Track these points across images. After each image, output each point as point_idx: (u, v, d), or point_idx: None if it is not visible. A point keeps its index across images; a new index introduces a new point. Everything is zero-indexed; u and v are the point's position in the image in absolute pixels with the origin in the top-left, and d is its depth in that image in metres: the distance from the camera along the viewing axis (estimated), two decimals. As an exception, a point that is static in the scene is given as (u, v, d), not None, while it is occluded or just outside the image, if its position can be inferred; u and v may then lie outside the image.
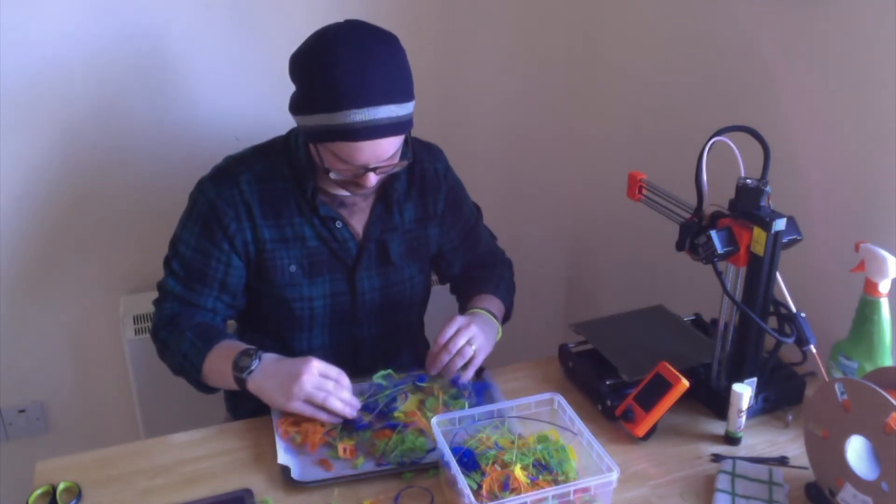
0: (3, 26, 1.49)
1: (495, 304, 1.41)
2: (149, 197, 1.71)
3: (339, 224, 1.31)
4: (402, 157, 1.25)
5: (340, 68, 1.13)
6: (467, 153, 1.94)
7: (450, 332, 1.24)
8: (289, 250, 1.30)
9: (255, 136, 1.41)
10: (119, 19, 1.56)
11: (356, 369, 1.33)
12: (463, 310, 1.41)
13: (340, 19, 1.21)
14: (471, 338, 1.24)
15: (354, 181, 1.22)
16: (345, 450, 1.15)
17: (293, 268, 1.30)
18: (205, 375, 1.25)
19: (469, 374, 1.25)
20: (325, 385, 1.15)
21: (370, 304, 1.38)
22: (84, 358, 1.82)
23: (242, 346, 1.22)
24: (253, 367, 1.17)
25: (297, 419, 1.20)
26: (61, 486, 1.10)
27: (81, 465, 1.15)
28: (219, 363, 1.22)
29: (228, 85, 1.69)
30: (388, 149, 1.19)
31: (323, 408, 1.15)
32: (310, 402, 1.15)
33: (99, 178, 1.67)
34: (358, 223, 1.34)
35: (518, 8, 1.86)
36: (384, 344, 1.43)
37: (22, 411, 1.81)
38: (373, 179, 1.21)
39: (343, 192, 1.30)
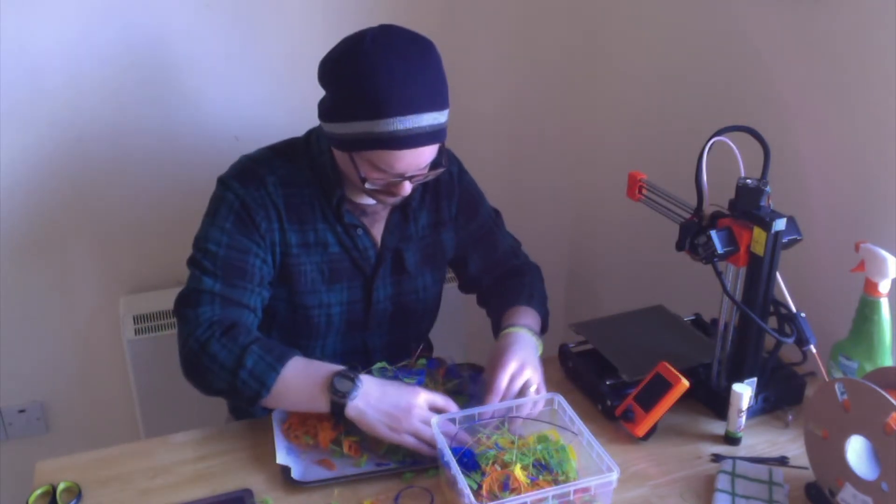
0: (4, 30, 1.49)
1: (531, 316, 1.33)
2: (149, 197, 1.71)
3: (360, 232, 1.29)
4: (436, 164, 1.21)
5: (383, 75, 1.09)
6: (467, 153, 1.93)
7: (503, 380, 1.17)
8: (310, 256, 1.27)
9: (255, 136, 1.41)
10: (119, 21, 1.56)
11: None
12: (496, 322, 1.36)
13: (341, 20, 1.21)
14: (527, 380, 1.18)
15: (388, 190, 1.19)
16: (350, 446, 1.15)
17: (314, 274, 1.28)
18: (274, 395, 1.13)
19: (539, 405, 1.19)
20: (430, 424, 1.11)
21: (383, 313, 1.36)
22: (84, 358, 1.82)
23: (326, 365, 1.15)
24: (356, 393, 1.11)
25: (303, 420, 1.19)
26: (61, 486, 1.10)
27: (81, 465, 1.15)
28: (300, 382, 1.14)
29: (228, 86, 1.69)
30: (427, 157, 1.16)
31: (429, 443, 1.11)
32: (417, 436, 1.11)
33: (99, 179, 1.67)
34: (377, 232, 1.32)
35: (518, 8, 1.86)
36: (394, 352, 1.39)
37: (22, 411, 1.81)
38: (408, 188, 1.18)
39: (369, 201, 1.28)
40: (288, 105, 1.46)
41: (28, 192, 1.63)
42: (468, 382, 1.28)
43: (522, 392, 1.18)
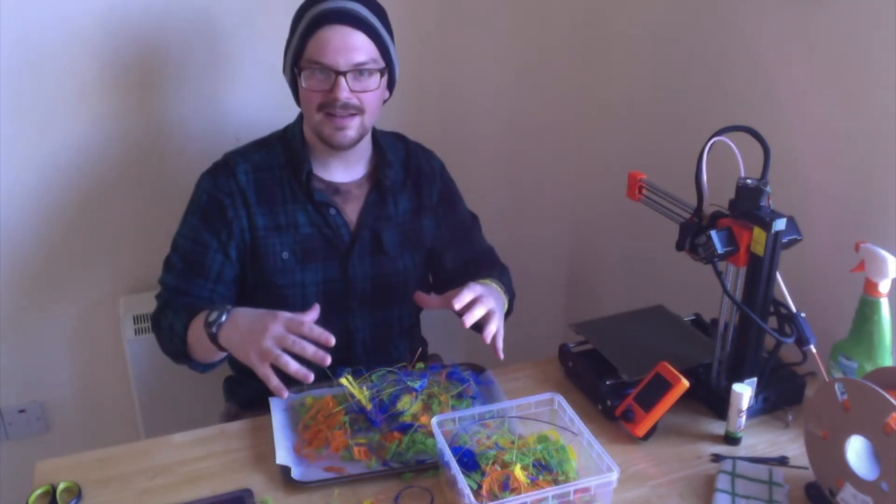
0: (4, 27, 1.49)
1: (500, 284, 1.33)
2: (149, 197, 1.71)
3: (332, 211, 1.33)
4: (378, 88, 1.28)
5: None
6: (467, 153, 1.94)
7: (466, 298, 1.15)
8: (281, 237, 1.32)
9: (256, 137, 1.41)
10: (119, 21, 1.56)
11: (349, 360, 1.33)
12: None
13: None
14: (488, 310, 1.16)
15: (330, 95, 1.24)
16: (359, 451, 1.15)
17: (285, 254, 1.32)
18: (190, 346, 1.24)
19: (497, 341, 1.19)
20: (288, 337, 1.08)
21: (362, 293, 1.38)
22: (84, 358, 1.82)
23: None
24: (222, 320, 1.15)
25: (314, 434, 1.18)
26: (61, 486, 1.10)
27: (81, 465, 1.15)
28: (197, 327, 1.21)
29: (229, 86, 1.69)
30: (357, 47, 1.22)
31: (292, 353, 1.08)
32: (278, 347, 1.07)
33: (99, 178, 1.67)
34: (352, 211, 1.36)
35: (518, 7, 1.86)
36: (377, 336, 1.42)
37: (22, 411, 1.81)
38: (344, 88, 1.23)
39: (339, 178, 1.31)
40: (289, 105, 1.46)
41: (28, 192, 1.63)
42: (471, 385, 1.27)
43: (483, 322, 1.16)
